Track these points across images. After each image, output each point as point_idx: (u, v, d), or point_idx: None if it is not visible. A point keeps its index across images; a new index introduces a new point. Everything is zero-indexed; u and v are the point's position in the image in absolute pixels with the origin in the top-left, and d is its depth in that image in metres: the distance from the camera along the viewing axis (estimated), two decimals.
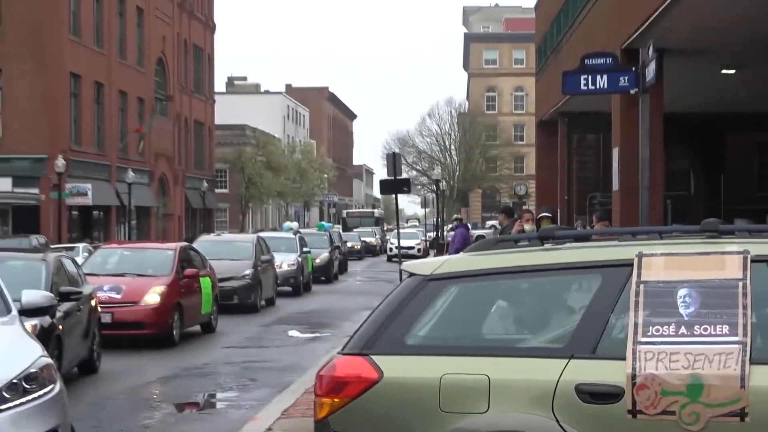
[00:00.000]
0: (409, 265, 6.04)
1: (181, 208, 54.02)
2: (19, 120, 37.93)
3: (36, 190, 38.29)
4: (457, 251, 15.99)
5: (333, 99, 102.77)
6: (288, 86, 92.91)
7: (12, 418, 5.84)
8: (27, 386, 6.03)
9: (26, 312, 7.59)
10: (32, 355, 6.48)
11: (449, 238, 29.79)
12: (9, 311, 7.30)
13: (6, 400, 5.80)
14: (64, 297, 11.22)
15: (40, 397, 6.11)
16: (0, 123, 38.31)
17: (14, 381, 5.96)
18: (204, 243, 23.26)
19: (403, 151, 63.94)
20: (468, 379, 4.97)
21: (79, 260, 18.99)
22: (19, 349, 6.61)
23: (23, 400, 5.92)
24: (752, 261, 4.71)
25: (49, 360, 6.62)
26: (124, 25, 46.70)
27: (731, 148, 30.45)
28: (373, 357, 5.17)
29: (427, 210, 69.57)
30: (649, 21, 18.95)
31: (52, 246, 17.38)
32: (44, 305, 8.48)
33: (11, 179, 37.95)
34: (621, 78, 18.20)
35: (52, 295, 10.17)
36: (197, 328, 19.77)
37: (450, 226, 40.30)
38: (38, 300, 8.39)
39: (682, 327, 4.73)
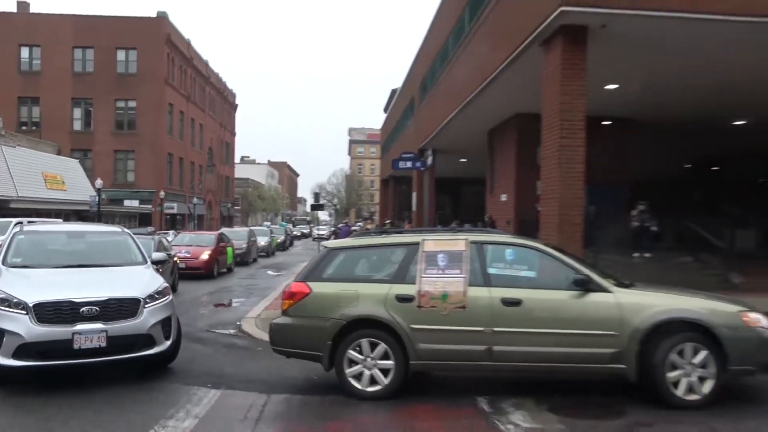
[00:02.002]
0: (324, 243, 7.76)
1: (218, 215, 61.22)
2: (144, 173, 44.11)
3: (150, 206, 43.72)
4: (344, 237, 19.04)
5: (288, 167, 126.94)
6: (269, 161, 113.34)
7: (150, 310, 6.58)
8: (157, 296, 6.78)
9: (154, 263, 8.24)
10: (159, 282, 7.13)
11: (340, 231, 35.03)
12: (146, 262, 7.84)
13: (149, 301, 6.59)
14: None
15: (163, 301, 6.85)
16: (135, 174, 44.32)
17: (152, 294, 6.71)
18: (182, 236, 23.44)
19: (321, 191, 79.92)
20: (350, 292, 6.10)
21: (170, 239, 21.98)
22: (154, 279, 7.25)
23: (156, 302, 6.70)
24: (470, 242, 6.12)
25: (167, 284, 7.24)
26: (194, 130, 53.05)
27: (464, 193, 35.23)
28: (308, 282, 6.27)
29: (330, 218, 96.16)
30: (427, 139, 24.58)
31: (157, 232, 20.57)
32: (162, 260, 9.90)
33: (138, 201, 43.88)
34: (417, 163, 22.09)
35: (166, 254, 12.29)
36: (225, 270, 21.85)
37: (340, 225, 50.94)
38: (160, 257, 9.77)
39: (440, 270, 6.02)
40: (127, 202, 43.73)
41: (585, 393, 6.25)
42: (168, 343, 6.85)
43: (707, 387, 5.68)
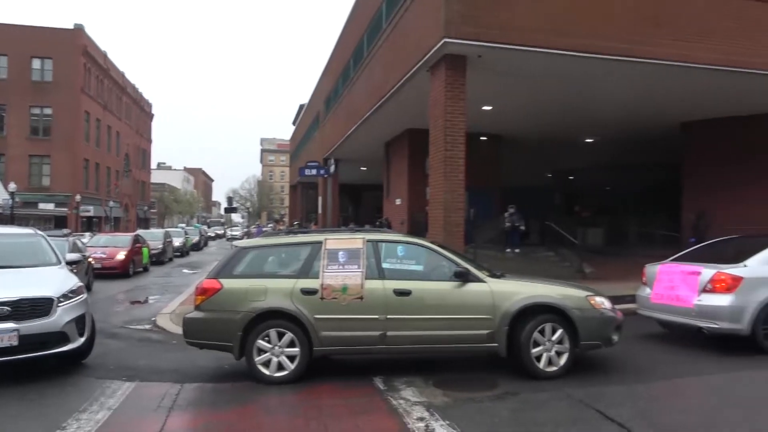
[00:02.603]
0: (236, 242, 7.56)
1: (135, 218, 56.57)
2: (60, 178, 40.04)
3: (66, 209, 40.10)
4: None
5: (203, 173, 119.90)
6: (185, 167, 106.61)
7: (64, 308, 6.14)
8: (71, 295, 6.36)
9: (68, 263, 7.82)
10: (74, 281, 6.73)
11: (254, 232, 34.25)
12: (60, 262, 7.35)
13: (63, 300, 6.15)
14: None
15: (77, 299, 6.44)
16: (50, 178, 40.36)
17: (66, 293, 6.28)
18: (98, 238, 21.56)
19: (235, 195, 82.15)
20: (259, 286, 5.97)
21: (86, 240, 20.18)
22: (68, 278, 6.81)
23: (70, 300, 6.27)
24: (367, 241, 6.15)
25: (81, 283, 6.85)
26: (110, 137, 49.28)
27: (364, 197, 35.54)
28: (219, 279, 6.10)
29: (243, 220, 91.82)
30: (331, 149, 24.39)
31: (72, 234, 18.74)
32: (76, 260, 9.65)
33: (54, 204, 40.01)
34: (321, 170, 22.71)
35: (80, 255, 11.85)
36: (141, 269, 20.59)
37: (253, 227, 50.35)
38: (74, 258, 9.48)
39: (341, 266, 6.01)
40: (42, 205, 40.09)
41: (465, 369, 6.45)
42: (82, 339, 6.41)
43: (563, 360, 6.03)
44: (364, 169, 29.20)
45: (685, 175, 18.47)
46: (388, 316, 5.93)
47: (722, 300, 6.83)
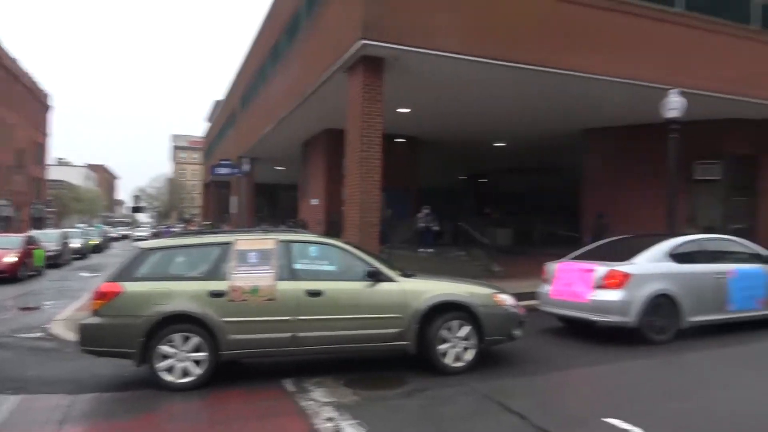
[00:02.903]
0: (139, 243, 7.20)
1: (28, 217, 51.01)
2: None
3: None
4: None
5: (107, 170, 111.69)
6: (88, 164, 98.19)
7: None
8: None
9: None
10: None
11: (161, 233, 33.04)
12: None
13: None
14: None
15: None
16: None
17: None
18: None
19: (142, 194, 77.65)
20: (163, 289, 5.80)
21: None
22: None
23: None
24: (279, 241, 6.08)
25: None
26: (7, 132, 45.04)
27: (281, 197, 34.79)
28: (120, 282, 5.84)
29: (151, 219, 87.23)
30: (247, 148, 23.91)
31: None
32: None
33: None
34: (234, 169, 21.94)
35: None
36: (34, 273, 19.01)
37: (162, 227, 50.36)
38: None
39: (251, 267, 5.92)
40: None
41: (377, 368, 6.51)
42: None
43: (469, 355, 6.27)
44: (281, 168, 28.79)
45: (584, 179, 19.72)
46: (300, 317, 5.89)
47: (613, 295, 7.36)
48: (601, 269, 7.62)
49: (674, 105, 11.42)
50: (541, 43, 12.20)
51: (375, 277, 6.16)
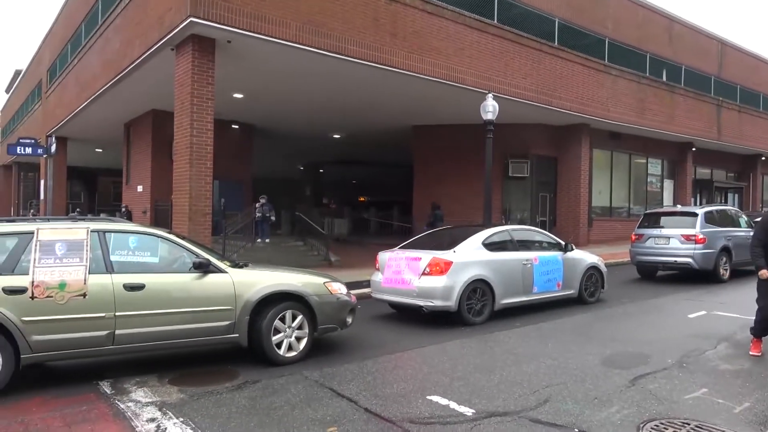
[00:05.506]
0: None
1: None
2: None
3: None
4: None
5: None
6: None
7: None
8: None
9: None
10: None
11: None
12: None
13: None
14: None
15: None
16: None
17: None
18: None
19: None
20: None
21: None
22: None
23: None
24: (92, 231, 5.56)
25: None
26: None
27: (101, 183, 32.27)
28: None
29: None
30: (58, 125, 21.57)
31: None
32: None
33: None
34: (39, 149, 19.64)
35: None
36: None
37: None
38: None
39: (58, 259, 5.29)
40: None
41: (207, 363, 6.29)
42: None
43: (302, 344, 6.34)
44: (100, 150, 26.15)
45: (415, 172, 20.97)
46: (118, 314, 5.44)
47: (437, 281, 7.97)
48: (426, 257, 8.19)
49: (489, 108, 12.63)
50: (374, 39, 12.67)
51: (203, 268, 5.92)
